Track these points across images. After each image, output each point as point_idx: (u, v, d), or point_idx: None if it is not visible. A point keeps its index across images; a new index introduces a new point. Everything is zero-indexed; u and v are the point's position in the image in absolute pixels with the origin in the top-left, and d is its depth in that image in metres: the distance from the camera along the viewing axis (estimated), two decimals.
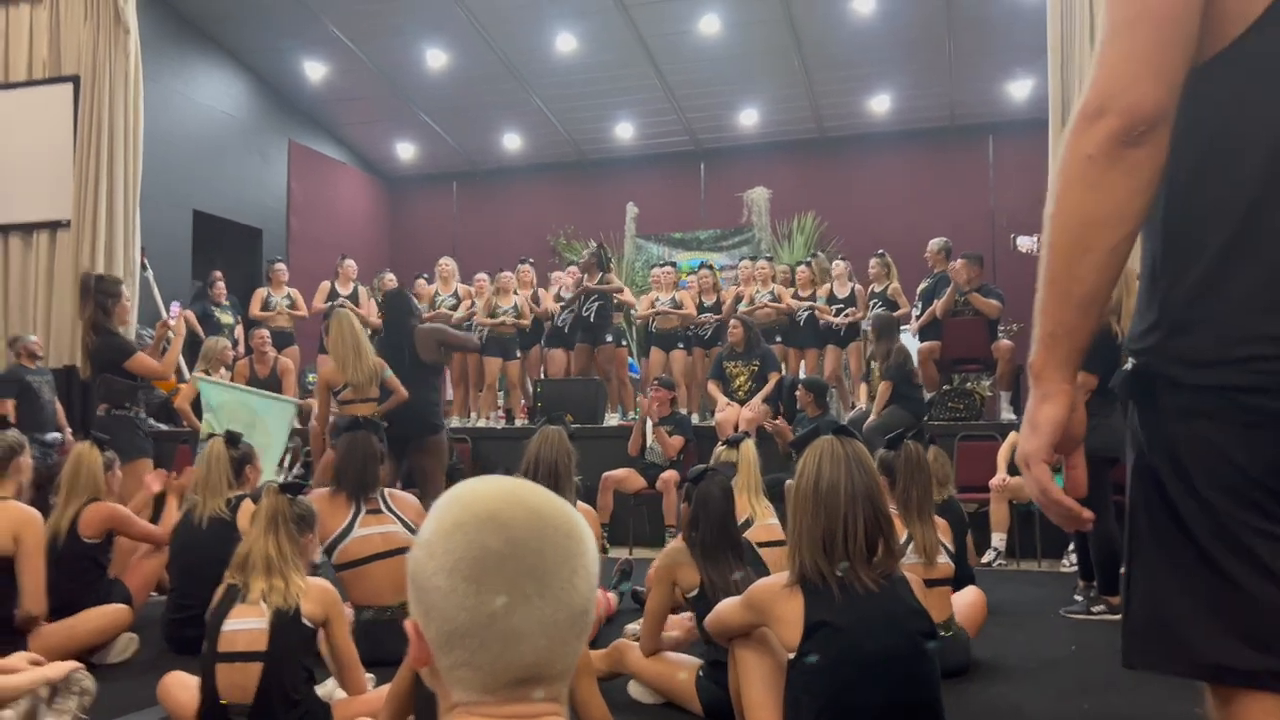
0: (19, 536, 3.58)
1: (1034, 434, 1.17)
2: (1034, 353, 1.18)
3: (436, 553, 0.92)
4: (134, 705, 3.30)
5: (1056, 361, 1.15)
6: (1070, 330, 1.15)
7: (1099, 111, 1.10)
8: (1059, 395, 1.16)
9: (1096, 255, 1.12)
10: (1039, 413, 1.17)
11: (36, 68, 9.40)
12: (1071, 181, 1.12)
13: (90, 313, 5.47)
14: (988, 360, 7.92)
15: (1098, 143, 1.10)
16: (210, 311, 9.72)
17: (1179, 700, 3.30)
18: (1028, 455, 1.18)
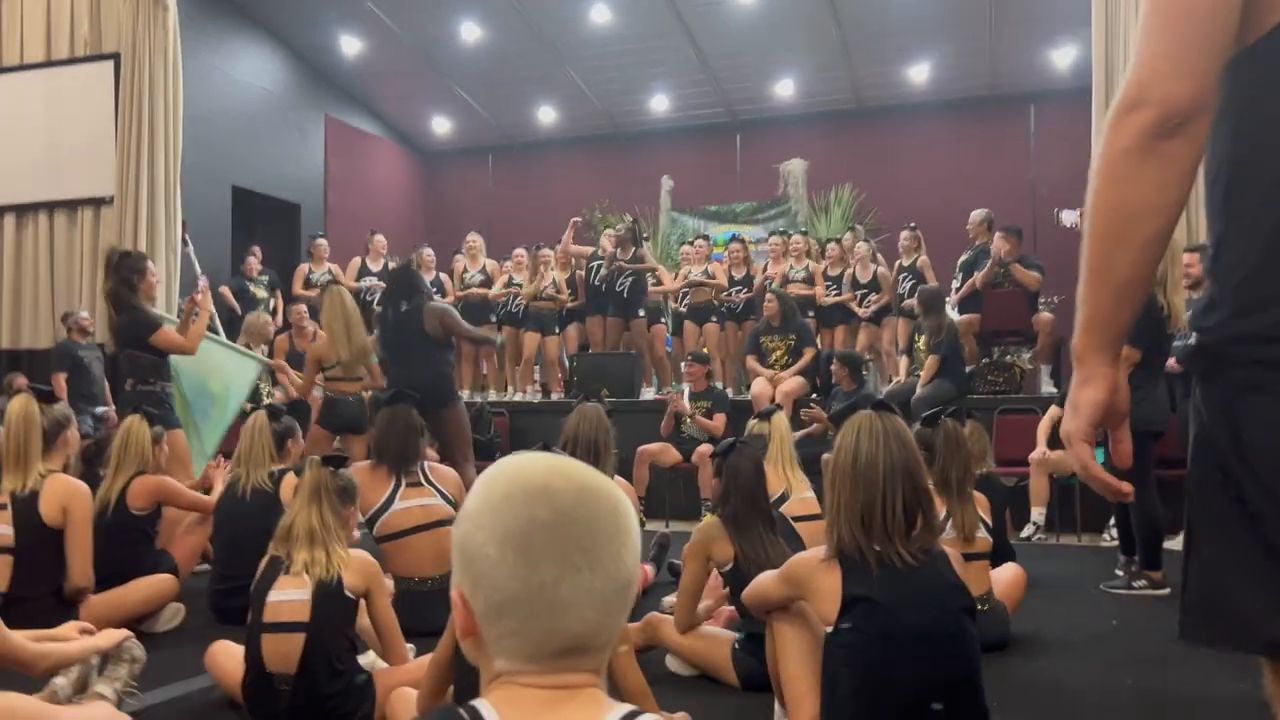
0: (68, 509, 3.66)
1: (1075, 415, 1.21)
2: (1075, 337, 1.21)
3: (485, 524, 0.93)
4: (182, 673, 3.38)
5: (1096, 346, 1.19)
6: (1108, 317, 1.18)
7: (1135, 104, 1.11)
8: (1099, 378, 1.19)
9: (1133, 245, 1.14)
10: (1080, 395, 1.21)
11: (78, 45, 9.51)
12: (1108, 173, 1.14)
13: (113, 288, 5.43)
14: (1028, 333, 7.82)
15: (1133, 135, 1.11)
16: (245, 286, 9.83)
17: (1224, 676, 3.27)
18: (1069, 434, 1.23)
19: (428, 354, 5.75)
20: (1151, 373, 4.56)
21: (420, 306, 5.82)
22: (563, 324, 9.20)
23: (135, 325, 5.44)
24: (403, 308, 5.84)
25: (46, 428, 3.80)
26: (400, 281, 6.08)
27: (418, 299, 5.87)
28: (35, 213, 9.45)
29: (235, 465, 4.40)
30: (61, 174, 9.35)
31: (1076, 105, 9.09)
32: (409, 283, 6.02)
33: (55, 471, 3.77)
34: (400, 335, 5.80)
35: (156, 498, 4.30)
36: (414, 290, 5.94)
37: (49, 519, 3.64)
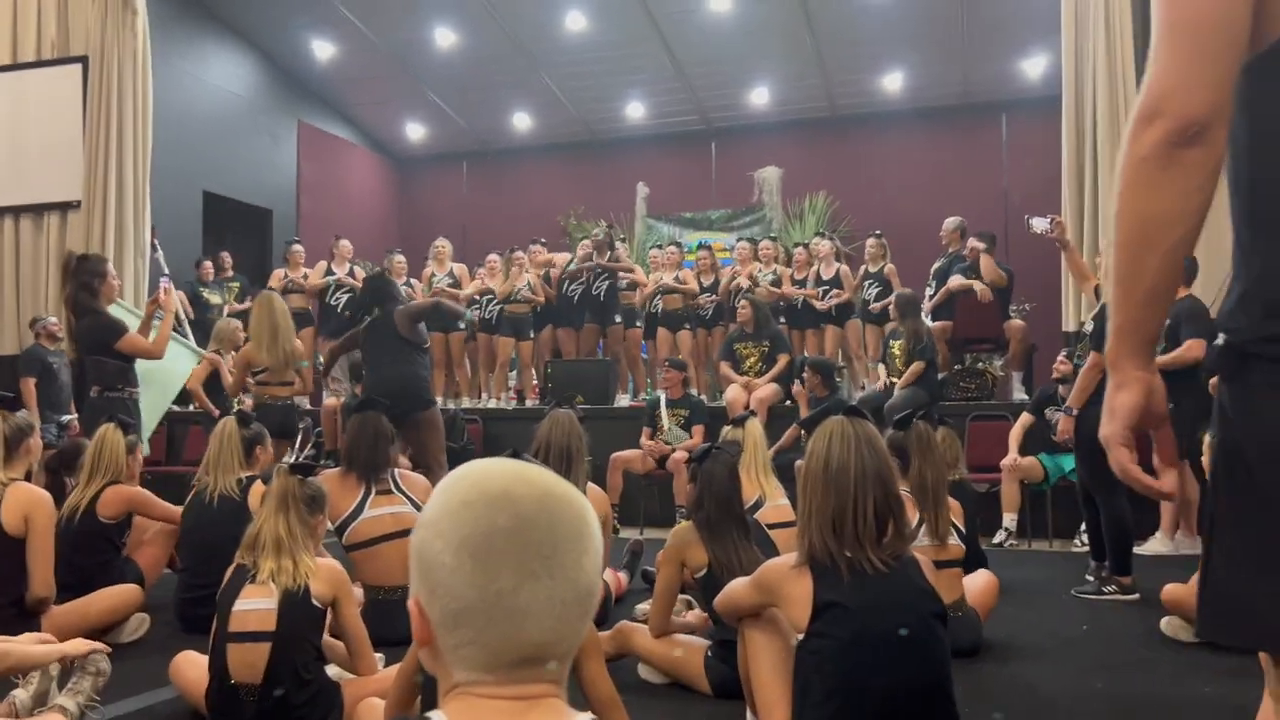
0: (29, 518, 3.59)
1: (1111, 419, 1.23)
2: (1108, 344, 1.24)
3: (444, 530, 0.91)
4: (146, 684, 3.32)
5: (1128, 352, 1.22)
6: (1138, 323, 1.21)
7: (1152, 114, 1.13)
8: (1134, 383, 1.22)
9: (1158, 253, 1.16)
10: (1115, 400, 1.23)
11: (45, 48, 9.39)
12: (1131, 183, 1.16)
13: (72, 293, 5.31)
14: (1000, 340, 7.87)
15: (1152, 145, 1.13)
16: (198, 291, 9.74)
17: (1192, 679, 3.30)
18: (1107, 439, 1.24)
19: (403, 358, 5.77)
20: None
21: (392, 312, 5.82)
22: (537, 328, 9.17)
23: (99, 330, 5.35)
24: (375, 314, 5.88)
25: (8, 435, 3.73)
26: (374, 288, 6.11)
27: (390, 305, 5.88)
28: (0, 217, 9.32)
29: (203, 471, 4.34)
30: (28, 178, 9.22)
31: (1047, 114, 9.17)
32: (383, 290, 6.06)
33: (17, 480, 3.70)
34: (375, 341, 5.83)
35: (128, 507, 4.24)
36: (387, 297, 5.96)
37: (10, 528, 3.57)
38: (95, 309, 5.39)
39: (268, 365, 5.96)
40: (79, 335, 5.39)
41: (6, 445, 3.71)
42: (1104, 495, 4.60)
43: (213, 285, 10.02)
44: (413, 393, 5.72)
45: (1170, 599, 3.84)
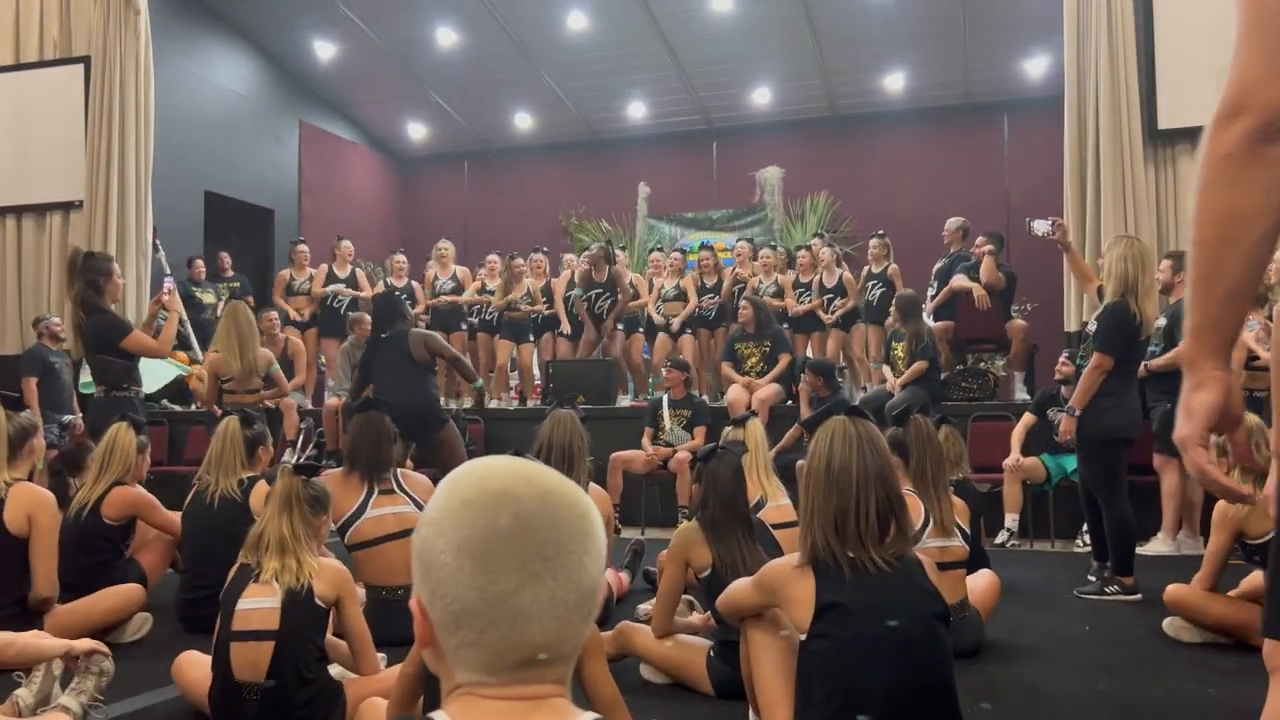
0: (33, 517, 3.60)
1: (1188, 419, 1.21)
2: (1185, 343, 1.22)
3: (445, 530, 0.90)
4: (148, 684, 3.32)
5: (1207, 351, 1.20)
6: (1218, 320, 1.19)
7: (1235, 110, 1.13)
8: (1213, 382, 1.20)
9: (1242, 249, 1.15)
10: (1193, 399, 1.21)
11: (48, 48, 9.41)
12: (1212, 180, 1.15)
13: (79, 291, 5.29)
14: (1001, 340, 7.87)
15: (1235, 141, 1.13)
16: (191, 291, 9.73)
17: (1195, 680, 3.30)
18: (1184, 439, 1.22)
19: (413, 379, 5.74)
20: (1124, 381, 4.59)
21: (405, 333, 5.81)
22: (538, 332, 9.17)
23: (106, 329, 5.34)
24: (384, 334, 5.86)
25: (12, 435, 3.75)
26: (383, 308, 6.10)
27: (401, 325, 5.88)
28: (3, 217, 9.33)
29: (205, 471, 4.34)
30: (30, 178, 9.23)
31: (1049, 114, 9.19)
32: (392, 309, 6.03)
33: (20, 480, 3.71)
34: (385, 361, 5.79)
35: (132, 511, 4.25)
36: (397, 316, 5.95)
37: (13, 528, 3.58)
38: (102, 307, 5.38)
39: (234, 374, 6.05)
40: (85, 333, 5.36)
41: (10, 445, 3.72)
42: (1106, 495, 4.60)
43: (205, 285, 10.00)
44: (425, 414, 5.72)
45: (1173, 599, 3.83)
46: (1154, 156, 7.36)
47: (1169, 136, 7.21)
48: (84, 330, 5.36)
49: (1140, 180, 7.24)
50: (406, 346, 5.75)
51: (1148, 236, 6.80)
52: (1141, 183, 7.24)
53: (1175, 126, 7.09)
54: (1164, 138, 7.26)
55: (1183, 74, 6.98)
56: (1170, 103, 7.17)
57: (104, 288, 5.38)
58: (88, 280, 5.30)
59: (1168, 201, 7.29)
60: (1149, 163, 7.32)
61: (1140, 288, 4.52)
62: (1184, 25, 7.05)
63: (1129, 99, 7.28)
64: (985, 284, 7.59)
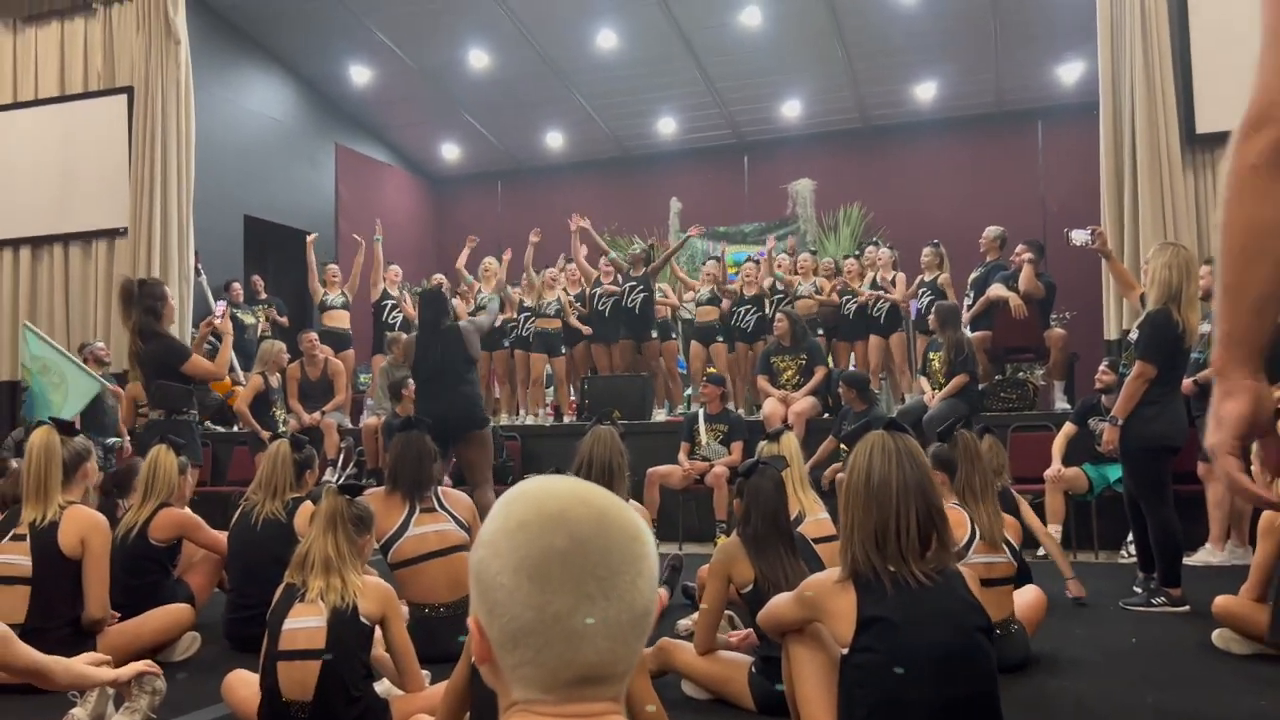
0: (86, 540, 3.68)
1: (1218, 428, 1.21)
2: (1215, 353, 1.22)
3: (501, 551, 0.92)
4: (197, 703, 3.37)
5: (1236, 361, 1.20)
6: (1247, 331, 1.19)
7: (1261, 122, 1.12)
8: (1242, 391, 1.19)
9: (1268, 260, 1.15)
10: (1222, 408, 1.20)
11: (92, 80, 9.65)
12: (1239, 191, 1.15)
13: (138, 319, 5.38)
14: (1040, 349, 7.79)
15: (1260, 152, 1.12)
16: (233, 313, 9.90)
17: (1245, 693, 3.24)
18: (1215, 448, 1.22)
19: (466, 376, 5.93)
20: (1168, 389, 4.54)
21: (459, 327, 5.99)
22: (571, 345, 9.20)
23: (168, 353, 5.42)
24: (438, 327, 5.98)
25: (67, 459, 3.84)
26: (435, 302, 6.19)
27: (450, 321, 6.04)
28: (50, 245, 9.56)
29: (253, 491, 4.41)
30: (76, 207, 9.46)
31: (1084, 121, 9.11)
32: (442, 304, 6.16)
33: (74, 503, 3.79)
34: (436, 357, 5.91)
35: (179, 532, 4.32)
36: (444, 312, 6.09)
37: (67, 550, 3.66)
38: (162, 332, 5.46)
39: None
40: (145, 359, 5.42)
41: (65, 469, 3.80)
42: (1151, 505, 4.53)
43: (244, 307, 10.19)
44: (473, 410, 5.89)
45: (1222, 611, 3.77)
46: (1192, 161, 7.27)
47: (1207, 141, 7.13)
48: (143, 356, 5.41)
49: (1179, 185, 7.15)
50: (457, 342, 5.89)
51: (1188, 242, 6.71)
52: (1180, 188, 7.16)
53: (1214, 130, 7.01)
54: (1202, 142, 7.18)
55: (1220, 76, 6.90)
56: (1208, 106, 7.09)
57: (162, 313, 5.46)
58: (146, 307, 5.38)
59: (1207, 207, 7.20)
60: (1187, 168, 7.24)
61: (1184, 296, 4.47)
62: (1219, 26, 6.97)
63: (1165, 103, 7.20)
64: (1024, 293, 7.53)
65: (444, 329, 5.96)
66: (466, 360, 5.94)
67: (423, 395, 6.00)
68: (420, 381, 6.10)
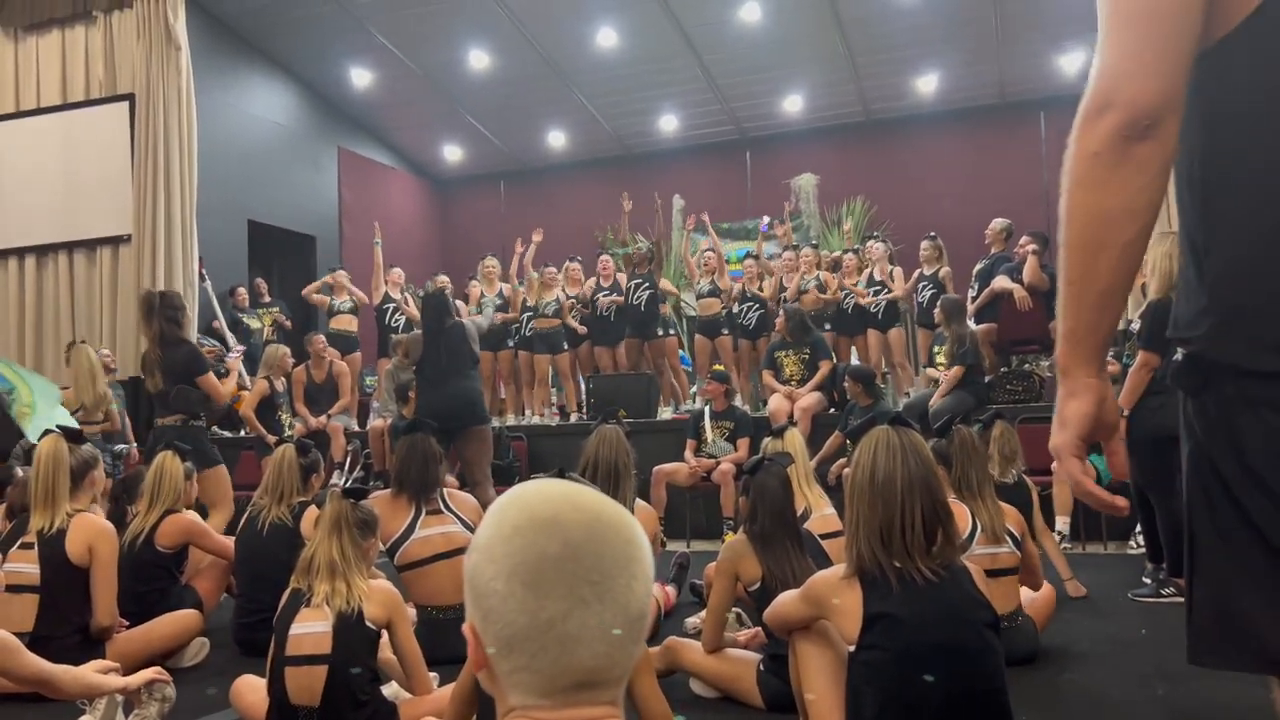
0: (94, 548, 3.69)
1: (1062, 429, 1.18)
2: (1058, 350, 1.19)
3: (495, 557, 0.92)
4: (207, 708, 3.38)
5: (1080, 358, 1.16)
6: (1091, 326, 1.15)
7: (1102, 107, 1.09)
8: (1085, 390, 1.16)
9: (1111, 252, 1.11)
10: (1066, 408, 1.18)
11: (94, 87, 9.67)
12: (1080, 179, 1.12)
13: (159, 328, 5.53)
14: (1046, 340, 7.76)
15: (1102, 139, 1.09)
16: (238, 318, 9.96)
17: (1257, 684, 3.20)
18: (1058, 449, 1.19)
19: (466, 373, 6.00)
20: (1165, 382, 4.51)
21: (461, 325, 6.07)
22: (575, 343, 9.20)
23: (192, 362, 5.57)
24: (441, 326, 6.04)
25: (74, 467, 3.85)
26: (437, 303, 6.23)
27: (453, 320, 6.10)
28: (55, 253, 9.59)
29: (260, 496, 4.41)
30: (80, 214, 9.48)
31: None
32: (445, 305, 6.21)
33: (82, 510, 3.80)
34: (439, 355, 5.98)
35: (185, 538, 4.33)
36: (447, 311, 6.15)
37: (75, 557, 3.67)
38: (186, 339, 5.78)
39: (84, 405, 6.95)
40: (167, 365, 5.53)
41: (72, 477, 3.82)
42: (1159, 495, 4.52)
43: (250, 311, 10.21)
44: (474, 407, 5.94)
45: None
46: None
47: None
48: (165, 362, 5.53)
49: None
50: (460, 340, 5.95)
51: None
52: None
53: None
54: None
55: None
56: None
57: (182, 323, 5.70)
58: (168, 317, 5.56)
59: None
60: None
61: None
62: None
63: None
64: (1029, 285, 7.51)
65: (447, 327, 6.00)
66: (467, 357, 6.00)
67: (424, 392, 6.03)
68: (423, 380, 6.13)
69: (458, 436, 5.84)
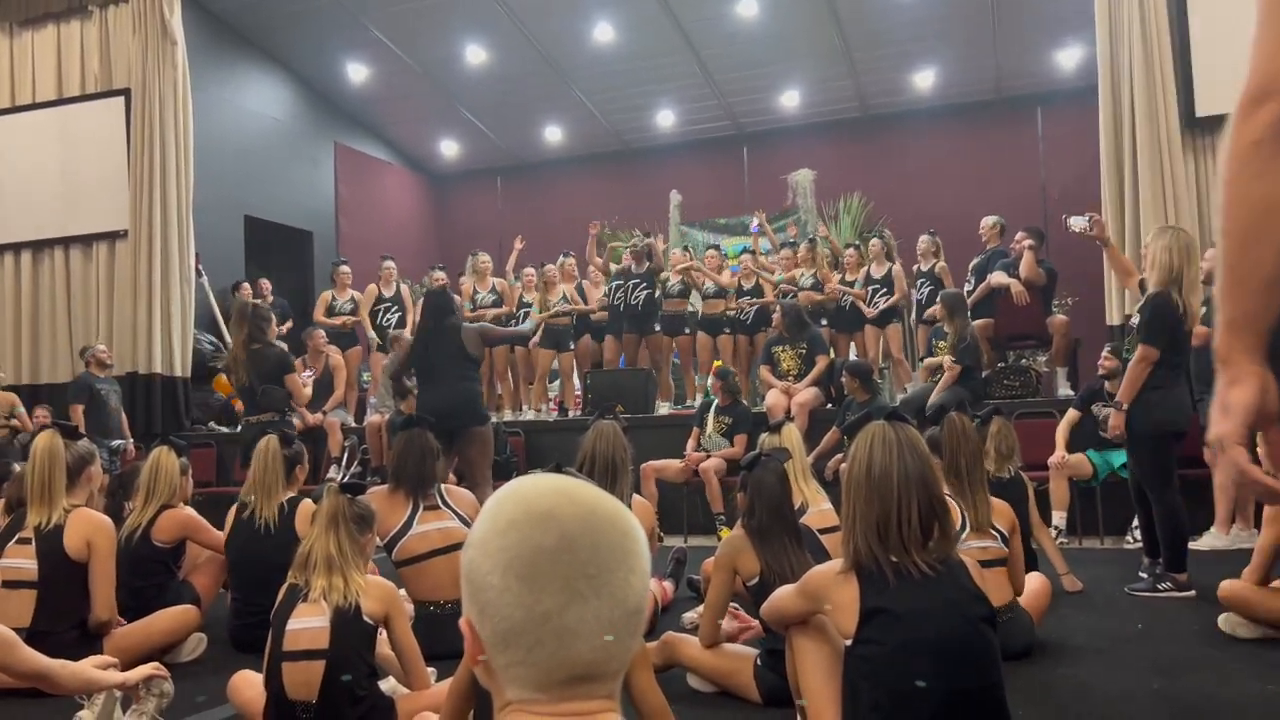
0: (91, 543, 3.68)
1: (1226, 417, 1.16)
2: (1218, 338, 1.18)
3: (491, 551, 0.92)
4: (204, 704, 3.38)
5: (1242, 346, 1.15)
6: (1254, 314, 1.14)
7: (1262, 96, 1.09)
8: (1249, 377, 1.15)
9: (1274, 241, 1.11)
10: (1229, 396, 1.16)
11: (89, 82, 9.65)
12: (1240, 169, 1.11)
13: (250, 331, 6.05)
14: (1043, 336, 7.78)
15: (1263, 128, 1.09)
16: None
17: (1252, 677, 3.24)
18: (1222, 438, 1.16)
19: (462, 374, 5.91)
20: (1171, 372, 4.52)
21: (456, 326, 5.96)
22: (575, 337, 9.20)
23: (281, 364, 6.14)
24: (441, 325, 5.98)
25: (71, 463, 3.84)
26: (437, 302, 6.19)
27: (453, 319, 6.00)
28: (51, 248, 9.58)
29: (246, 493, 4.40)
30: (76, 210, 9.46)
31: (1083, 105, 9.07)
32: (445, 303, 6.15)
33: (79, 506, 3.80)
34: (438, 354, 5.92)
35: (182, 533, 4.32)
36: (448, 310, 6.07)
37: (73, 553, 3.67)
38: (275, 343, 6.30)
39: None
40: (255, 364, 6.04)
41: (69, 473, 3.81)
42: (1156, 490, 4.53)
43: None
44: (471, 408, 5.87)
45: (1227, 595, 3.76)
46: (1192, 144, 7.25)
47: (1207, 123, 7.10)
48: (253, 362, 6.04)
49: (1179, 169, 7.13)
50: (459, 340, 5.89)
51: (1188, 226, 6.69)
52: (1180, 171, 7.14)
53: (1213, 113, 6.98)
54: (1202, 125, 7.15)
55: (1219, 58, 6.87)
56: (1207, 89, 7.06)
57: (267, 330, 6.20)
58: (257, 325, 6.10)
59: (1207, 190, 7.18)
60: (1187, 151, 7.21)
61: (1185, 279, 4.45)
62: (1218, 8, 6.94)
63: (1164, 86, 7.18)
64: (1025, 280, 7.51)
65: (445, 327, 5.96)
66: (466, 358, 5.93)
67: (422, 392, 6.01)
68: (420, 379, 6.12)
69: (459, 437, 5.82)
